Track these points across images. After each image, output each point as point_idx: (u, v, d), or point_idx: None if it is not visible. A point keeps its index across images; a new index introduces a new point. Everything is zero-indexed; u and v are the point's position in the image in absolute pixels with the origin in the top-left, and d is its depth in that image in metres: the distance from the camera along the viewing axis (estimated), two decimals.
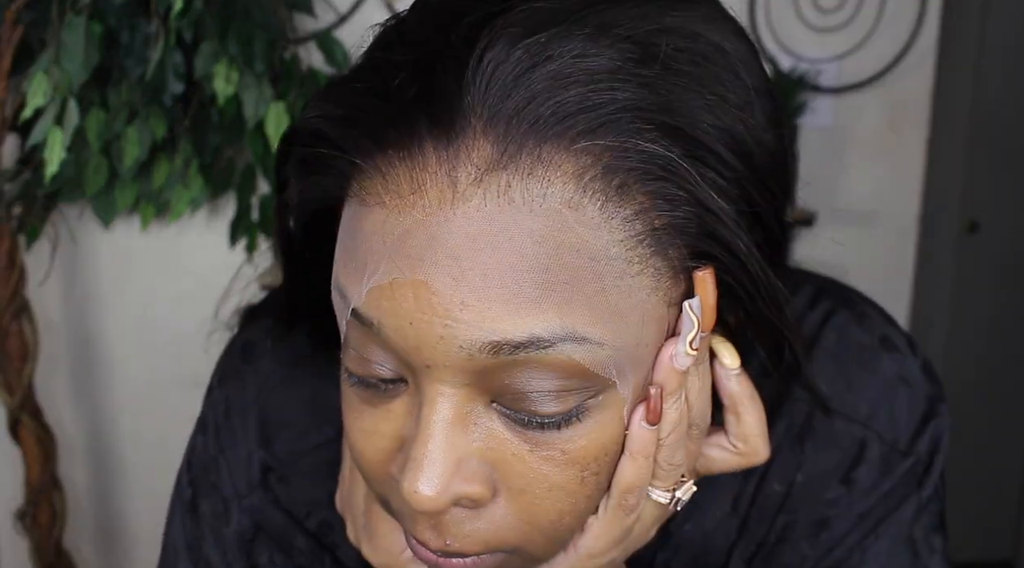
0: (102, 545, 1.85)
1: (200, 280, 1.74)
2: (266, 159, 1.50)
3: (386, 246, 0.34)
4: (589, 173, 0.32)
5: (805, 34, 1.67)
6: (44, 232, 1.62)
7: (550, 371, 0.34)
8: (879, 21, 1.67)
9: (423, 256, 0.33)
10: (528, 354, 0.33)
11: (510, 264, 0.32)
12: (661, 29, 0.34)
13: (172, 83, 1.41)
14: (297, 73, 1.48)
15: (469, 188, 0.32)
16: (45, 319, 1.70)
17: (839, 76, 1.69)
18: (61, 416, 1.76)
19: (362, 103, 0.35)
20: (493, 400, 0.36)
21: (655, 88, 0.33)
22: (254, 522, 0.52)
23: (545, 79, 0.32)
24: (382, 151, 0.34)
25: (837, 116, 1.71)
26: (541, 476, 0.36)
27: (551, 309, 0.33)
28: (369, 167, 0.34)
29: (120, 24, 1.36)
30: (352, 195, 0.36)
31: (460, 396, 0.35)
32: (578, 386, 0.34)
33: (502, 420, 0.36)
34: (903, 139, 1.72)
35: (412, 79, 0.33)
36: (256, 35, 1.38)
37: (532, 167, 0.32)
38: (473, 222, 0.32)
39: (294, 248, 0.44)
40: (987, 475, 2.59)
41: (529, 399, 0.34)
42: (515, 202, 0.32)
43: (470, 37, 0.33)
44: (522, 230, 0.32)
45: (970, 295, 2.48)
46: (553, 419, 0.35)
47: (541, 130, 0.32)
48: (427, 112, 0.33)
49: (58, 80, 1.31)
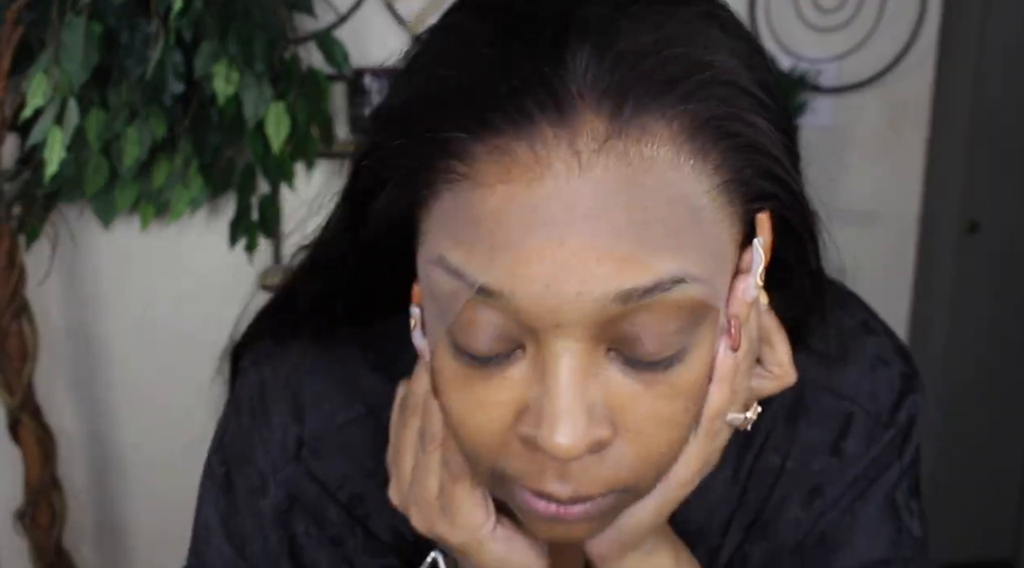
0: (102, 545, 1.85)
1: (200, 280, 1.74)
2: (266, 159, 1.50)
3: (520, 218, 0.37)
4: (681, 137, 0.38)
5: (805, 34, 1.67)
6: (44, 232, 1.62)
7: (665, 313, 0.38)
8: (879, 21, 1.67)
9: (559, 221, 0.36)
10: (653, 298, 0.37)
11: (635, 219, 0.37)
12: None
13: (172, 83, 1.41)
14: (297, 73, 1.48)
15: (591, 157, 0.36)
16: (45, 319, 1.70)
17: (839, 76, 1.68)
18: (61, 416, 1.76)
19: (469, 86, 0.38)
20: (610, 348, 0.40)
21: (724, 53, 0.39)
22: (289, 494, 0.55)
23: (635, 57, 0.37)
24: (498, 132, 0.37)
25: (837, 116, 1.71)
26: (654, 412, 0.40)
27: (668, 255, 0.37)
28: (482, 150, 0.37)
29: (120, 24, 1.36)
30: (454, 180, 0.38)
31: (584, 349, 0.39)
32: (687, 324, 0.39)
33: (618, 366, 0.40)
34: (903, 139, 1.72)
35: (515, 61, 0.37)
36: (256, 35, 1.38)
37: (640, 135, 0.37)
38: (601, 185, 0.36)
39: (362, 246, 0.46)
40: (987, 475, 2.59)
41: (644, 342, 0.39)
42: (632, 165, 0.37)
43: (562, 21, 0.38)
44: (642, 189, 0.37)
45: (970, 295, 2.48)
46: (665, 358, 0.40)
47: (643, 103, 0.37)
48: (536, 91, 0.37)
49: (58, 80, 1.31)
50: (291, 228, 1.73)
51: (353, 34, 1.65)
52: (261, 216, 1.62)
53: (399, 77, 0.42)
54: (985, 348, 2.51)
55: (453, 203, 0.39)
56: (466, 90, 0.38)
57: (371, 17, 1.65)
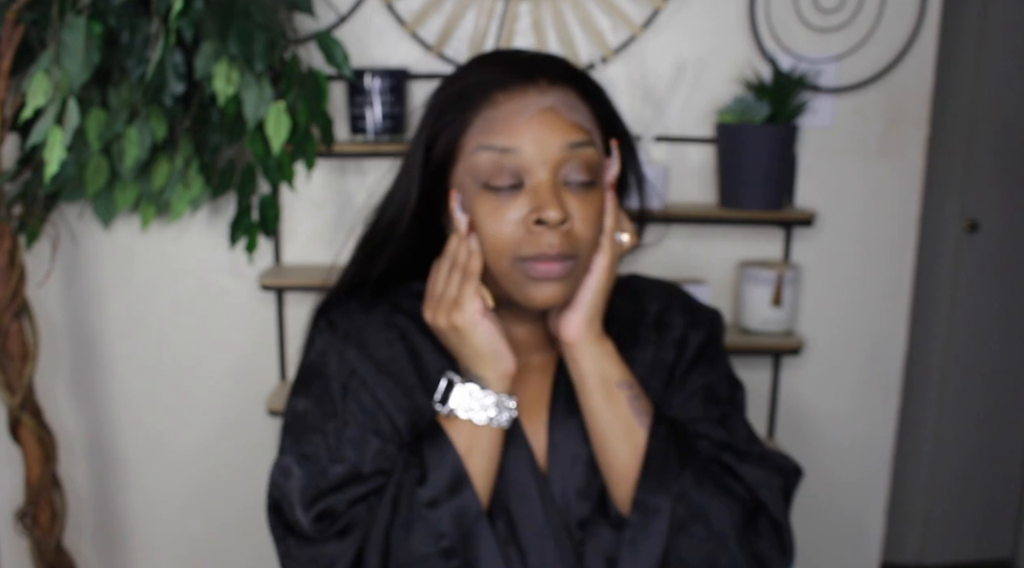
0: (102, 544, 1.85)
1: (200, 280, 1.75)
2: (266, 159, 1.51)
3: (518, 113, 0.82)
4: (579, 94, 0.86)
5: (805, 34, 1.67)
6: (44, 232, 1.62)
7: (585, 157, 0.83)
8: (879, 21, 1.67)
9: (536, 113, 0.82)
10: (581, 149, 0.83)
11: (568, 113, 0.83)
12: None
13: (172, 83, 1.41)
14: (297, 73, 1.48)
15: (549, 90, 0.83)
16: (45, 319, 1.70)
17: (839, 76, 1.69)
18: (61, 416, 1.76)
19: (491, 75, 0.85)
20: (562, 180, 0.82)
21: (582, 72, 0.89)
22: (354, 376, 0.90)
23: (558, 67, 0.87)
24: (506, 85, 0.83)
25: (837, 116, 1.71)
26: (585, 211, 0.82)
27: (584, 132, 0.84)
28: (500, 92, 0.83)
29: (120, 24, 1.36)
30: (484, 109, 0.83)
31: (554, 176, 0.82)
32: (594, 166, 0.84)
33: (567, 187, 0.82)
34: (903, 139, 1.72)
35: (520, 64, 0.86)
36: (256, 35, 1.38)
37: (563, 87, 0.84)
38: (552, 98, 0.83)
39: (407, 221, 0.88)
40: (987, 475, 2.59)
41: (578, 172, 0.82)
42: (563, 97, 0.84)
43: (533, 58, 0.88)
44: (568, 104, 0.84)
45: (970, 295, 2.48)
46: (587, 181, 0.83)
47: (563, 79, 0.85)
48: (527, 75, 0.84)
49: (58, 80, 1.31)
50: (291, 228, 1.73)
51: (353, 34, 1.65)
52: (261, 216, 1.62)
53: (447, 80, 0.88)
54: (985, 348, 2.51)
55: (482, 120, 0.83)
56: (490, 76, 0.84)
57: (371, 17, 1.66)
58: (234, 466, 1.80)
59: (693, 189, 1.73)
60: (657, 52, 1.68)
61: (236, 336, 1.77)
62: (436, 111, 0.85)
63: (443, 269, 0.85)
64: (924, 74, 1.70)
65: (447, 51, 1.66)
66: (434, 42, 1.66)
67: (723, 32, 1.68)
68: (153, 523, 1.85)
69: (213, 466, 1.81)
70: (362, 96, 1.58)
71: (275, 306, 1.75)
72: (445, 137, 0.83)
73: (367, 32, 1.66)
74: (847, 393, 1.82)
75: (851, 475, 1.86)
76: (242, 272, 1.74)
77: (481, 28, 1.65)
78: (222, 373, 1.78)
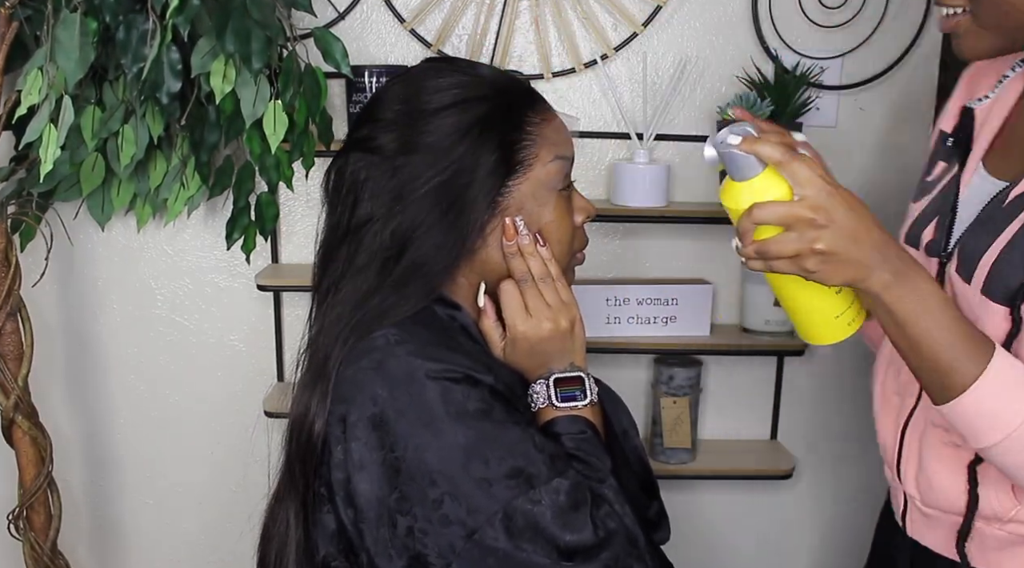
0: (98, 547, 1.84)
1: (197, 280, 1.73)
2: (264, 158, 1.49)
3: (563, 129, 0.92)
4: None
5: (809, 31, 1.66)
6: (39, 231, 1.60)
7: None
8: (883, 19, 1.66)
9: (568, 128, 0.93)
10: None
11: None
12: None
13: (169, 81, 1.40)
14: (295, 71, 1.47)
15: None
16: (40, 319, 1.69)
17: (843, 74, 1.67)
18: (56, 417, 1.75)
19: (525, 90, 0.93)
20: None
21: None
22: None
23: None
24: (544, 106, 0.93)
25: (841, 114, 1.70)
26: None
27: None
28: (544, 108, 0.92)
29: (116, 21, 1.35)
30: (541, 126, 0.90)
31: None
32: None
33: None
34: (907, 138, 1.71)
35: (519, 82, 0.94)
36: (254, 32, 1.37)
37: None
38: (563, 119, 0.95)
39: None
40: None
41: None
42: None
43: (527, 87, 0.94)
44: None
45: None
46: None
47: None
48: (531, 91, 0.93)
49: (53, 77, 1.30)
50: (288, 227, 1.72)
51: (352, 31, 1.64)
52: (259, 215, 1.60)
53: (472, 102, 0.88)
54: None
55: (552, 130, 0.91)
56: (527, 94, 0.92)
57: (369, 14, 1.64)
58: (230, 467, 1.78)
59: (696, 188, 1.71)
60: (659, 49, 1.67)
61: (233, 337, 1.75)
62: (489, 132, 0.86)
63: (530, 285, 0.89)
64: (929, 72, 1.69)
65: (446, 49, 1.64)
66: (433, 39, 1.64)
67: (725, 29, 1.66)
68: (148, 525, 1.84)
69: (209, 468, 1.80)
70: (361, 94, 1.57)
71: (272, 306, 1.74)
72: (520, 153, 0.88)
73: (366, 29, 1.65)
74: (850, 394, 1.81)
75: (852, 476, 1.85)
76: (239, 272, 1.72)
77: (481, 25, 1.64)
78: (219, 374, 1.76)
